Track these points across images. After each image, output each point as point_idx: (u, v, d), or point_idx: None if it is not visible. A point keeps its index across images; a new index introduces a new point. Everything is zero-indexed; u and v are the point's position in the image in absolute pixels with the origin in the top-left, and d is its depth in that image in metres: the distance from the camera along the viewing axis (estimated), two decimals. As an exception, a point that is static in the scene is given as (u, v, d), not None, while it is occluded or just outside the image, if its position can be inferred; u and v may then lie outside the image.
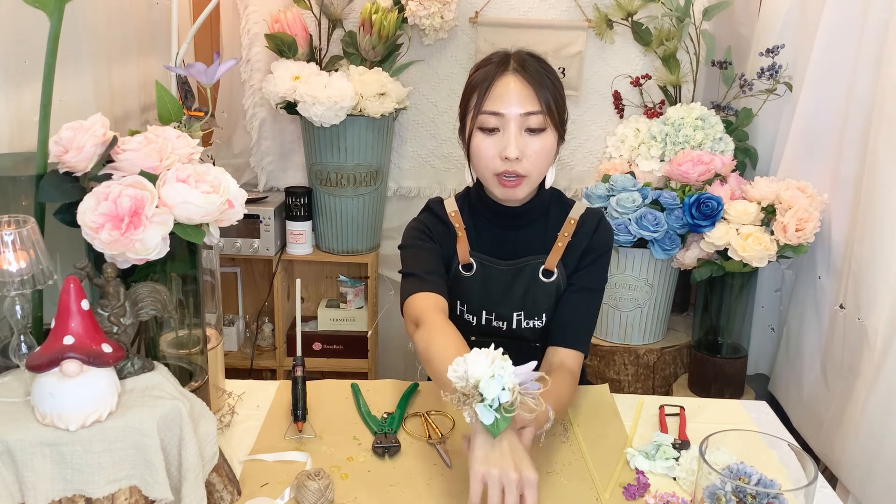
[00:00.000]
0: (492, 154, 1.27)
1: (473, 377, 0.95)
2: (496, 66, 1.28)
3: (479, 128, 1.27)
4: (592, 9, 2.29)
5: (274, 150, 2.47)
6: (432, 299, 1.26)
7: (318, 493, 1.04)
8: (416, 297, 1.27)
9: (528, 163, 1.26)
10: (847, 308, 1.80)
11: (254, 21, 2.29)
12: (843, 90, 1.88)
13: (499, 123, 1.26)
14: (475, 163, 1.31)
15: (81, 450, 0.85)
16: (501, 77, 1.26)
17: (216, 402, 1.26)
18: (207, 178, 0.99)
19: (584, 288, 1.36)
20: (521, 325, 1.37)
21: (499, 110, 1.25)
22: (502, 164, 1.26)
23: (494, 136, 1.27)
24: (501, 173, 1.27)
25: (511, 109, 1.24)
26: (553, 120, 1.27)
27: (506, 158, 1.25)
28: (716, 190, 2.01)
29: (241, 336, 2.56)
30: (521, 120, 1.25)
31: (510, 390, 0.95)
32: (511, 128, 1.24)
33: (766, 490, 0.86)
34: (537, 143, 1.26)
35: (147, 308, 0.97)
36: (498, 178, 1.28)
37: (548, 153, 1.28)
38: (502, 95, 1.25)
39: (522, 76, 1.26)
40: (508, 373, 0.96)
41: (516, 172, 1.26)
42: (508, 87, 1.25)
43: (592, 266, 1.36)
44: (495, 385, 0.95)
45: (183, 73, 1.31)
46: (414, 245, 1.37)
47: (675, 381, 2.25)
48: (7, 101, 1.37)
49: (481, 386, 0.95)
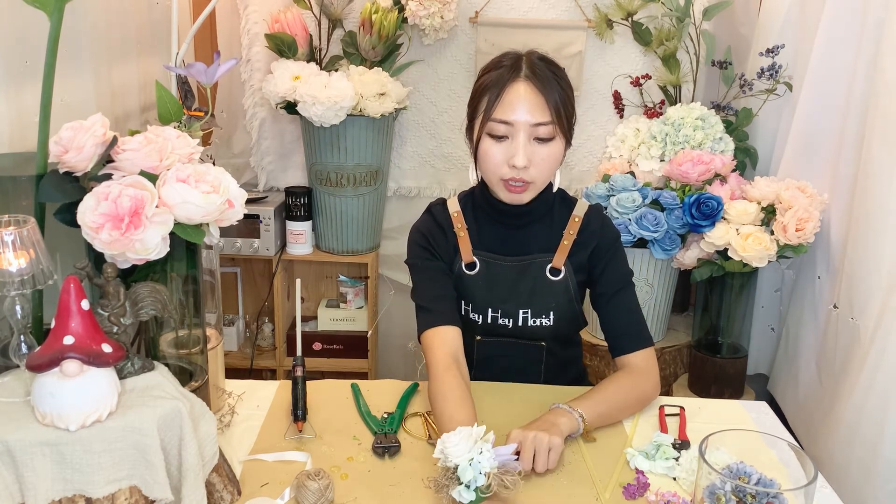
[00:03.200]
0: (500, 160, 1.28)
1: (452, 461, 1.01)
2: (508, 70, 1.27)
3: (489, 133, 1.28)
4: (592, 9, 2.29)
5: (274, 150, 2.47)
6: (442, 339, 1.31)
7: (318, 493, 1.04)
8: (427, 336, 1.33)
9: (535, 170, 1.28)
10: (840, 308, 1.80)
11: (254, 21, 2.29)
12: (842, 90, 1.88)
13: (508, 132, 1.27)
14: (482, 166, 1.32)
15: (81, 450, 0.85)
16: (513, 84, 1.26)
17: (216, 402, 1.26)
18: (207, 178, 0.99)
19: (616, 290, 1.38)
20: (527, 322, 1.38)
21: (508, 119, 1.26)
22: (510, 171, 1.28)
23: (503, 143, 1.28)
24: (508, 179, 1.29)
25: (521, 119, 1.25)
26: (562, 128, 1.28)
27: (513, 166, 1.26)
28: (716, 190, 2.01)
29: (241, 336, 2.56)
30: (530, 130, 1.26)
31: (486, 475, 1.00)
32: (520, 137, 1.25)
33: (765, 490, 0.86)
34: (545, 151, 1.28)
35: (147, 308, 0.97)
36: (504, 183, 1.30)
37: (555, 160, 1.30)
38: (513, 104, 1.25)
39: (533, 84, 1.26)
40: (486, 458, 1.01)
41: (523, 179, 1.28)
42: (519, 95, 1.25)
43: (613, 262, 1.39)
44: (472, 470, 1.00)
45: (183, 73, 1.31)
46: (415, 265, 1.41)
47: (675, 381, 2.25)
48: (7, 101, 1.37)
49: (459, 470, 1.01)
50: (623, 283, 1.39)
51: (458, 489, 1.01)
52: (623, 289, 1.38)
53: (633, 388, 1.33)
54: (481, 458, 1.01)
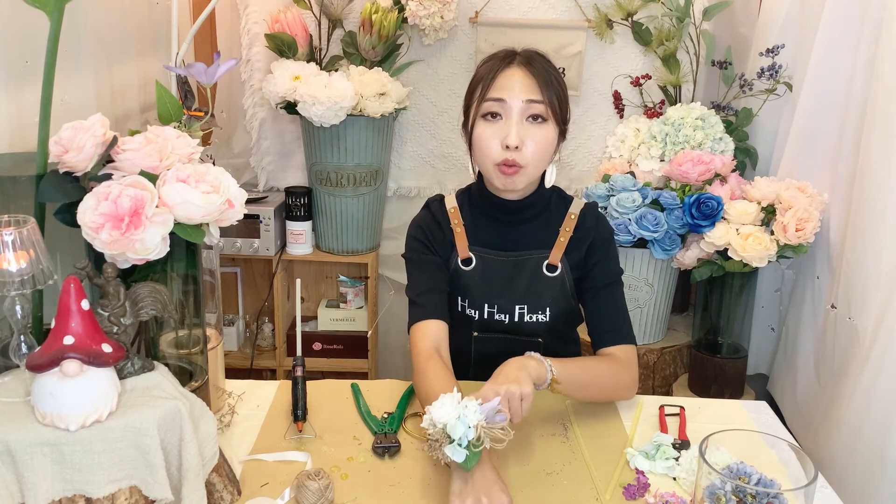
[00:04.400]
0: (493, 143, 1.29)
1: (440, 422, 1.03)
2: (501, 59, 1.31)
3: (482, 116, 1.30)
4: (592, 9, 2.29)
5: (274, 150, 2.47)
6: (425, 333, 1.33)
7: (318, 493, 1.04)
8: (413, 330, 1.34)
9: (527, 152, 1.28)
10: (839, 308, 1.80)
11: (254, 21, 2.29)
12: (842, 90, 1.88)
13: (501, 109, 1.28)
14: (476, 152, 1.33)
15: (81, 450, 0.85)
16: (507, 69, 1.30)
17: (216, 402, 1.26)
18: (207, 178, 0.99)
19: (605, 285, 1.38)
20: (523, 318, 1.38)
21: (502, 96, 1.27)
22: (502, 153, 1.28)
23: (497, 123, 1.29)
24: (501, 163, 1.29)
25: (514, 96, 1.27)
26: (555, 113, 1.29)
27: (506, 147, 1.27)
28: (716, 190, 2.01)
29: (241, 336, 2.56)
30: (523, 107, 1.27)
31: (475, 427, 1.02)
32: (513, 115, 1.27)
33: (766, 490, 0.86)
34: (538, 133, 1.28)
35: (147, 308, 0.97)
36: (498, 168, 1.30)
37: (548, 145, 1.30)
38: (506, 83, 1.28)
39: (528, 69, 1.29)
40: (472, 411, 1.03)
41: (515, 161, 1.28)
42: (513, 77, 1.28)
43: (605, 258, 1.39)
44: (461, 426, 1.02)
45: (183, 73, 1.31)
46: (412, 259, 1.42)
47: (675, 381, 2.25)
48: (7, 101, 1.37)
49: (448, 428, 1.03)
50: (612, 279, 1.39)
51: (451, 447, 1.02)
52: (612, 284, 1.39)
53: (611, 370, 1.33)
54: (467, 412, 1.03)
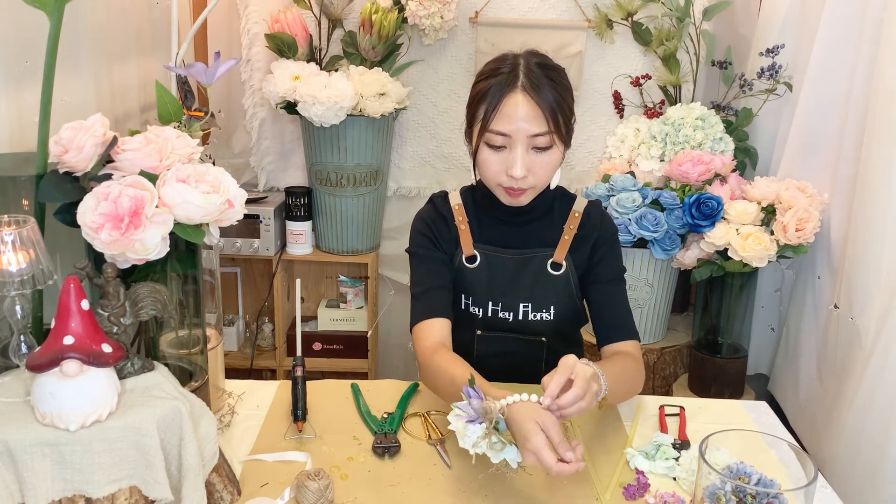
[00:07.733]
0: (498, 169, 1.30)
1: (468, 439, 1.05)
2: (505, 79, 1.26)
3: (486, 143, 1.29)
4: (592, 9, 2.29)
5: (274, 150, 2.46)
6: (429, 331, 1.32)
7: (318, 493, 1.04)
8: (416, 329, 1.34)
9: (533, 178, 1.29)
10: (841, 308, 1.80)
11: (254, 21, 2.29)
12: (842, 90, 1.88)
13: (506, 142, 1.28)
14: (481, 172, 1.33)
15: (81, 450, 0.85)
16: (509, 95, 1.25)
17: (216, 402, 1.26)
18: (207, 178, 0.99)
19: (609, 281, 1.39)
20: (528, 316, 1.38)
21: (506, 131, 1.26)
22: (508, 180, 1.29)
23: (501, 152, 1.29)
24: (506, 186, 1.30)
25: (518, 130, 1.25)
26: (560, 135, 1.28)
27: (511, 176, 1.27)
28: (716, 190, 2.01)
29: (241, 336, 2.56)
30: (528, 140, 1.26)
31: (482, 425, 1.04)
32: (518, 148, 1.26)
33: (766, 490, 0.86)
34: (544, 159, 1.29)
35: (147, 308, 0.97)
36: (503, 189, 1.32)
37: (554, 166, 1.31)
38: (510, 116, 1.25)
39: (530, 94, 1.25)
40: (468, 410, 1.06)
41: (521, 186, 1.29)
42: (517, 108, 1.25)
43: (610, 255, 1.40)
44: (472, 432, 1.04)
45: (183, 73, 1.31)
46: (416, 253, 1.41)
47: (675, 381, 2.25)
48: (7, 101, 1.37)
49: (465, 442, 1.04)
50: (616, 275, 1.40)
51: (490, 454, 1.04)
52: (616, 281, 1.39)
53: (636, 370, 1.32)
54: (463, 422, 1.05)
